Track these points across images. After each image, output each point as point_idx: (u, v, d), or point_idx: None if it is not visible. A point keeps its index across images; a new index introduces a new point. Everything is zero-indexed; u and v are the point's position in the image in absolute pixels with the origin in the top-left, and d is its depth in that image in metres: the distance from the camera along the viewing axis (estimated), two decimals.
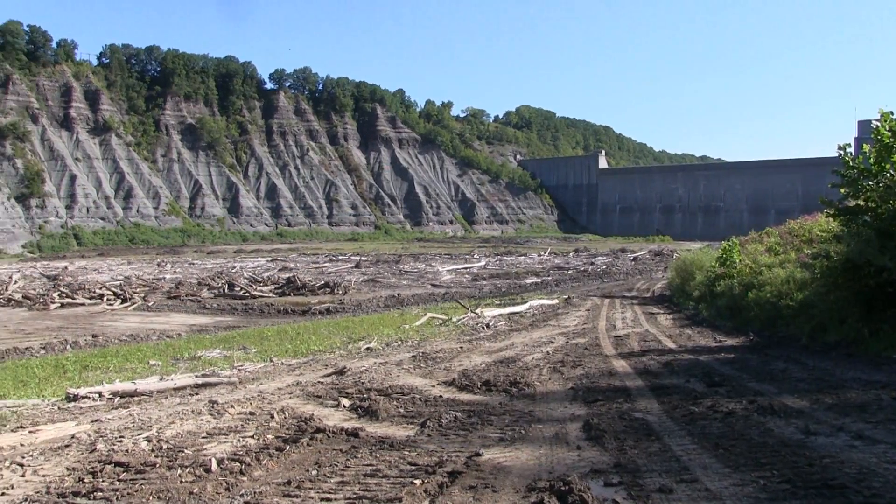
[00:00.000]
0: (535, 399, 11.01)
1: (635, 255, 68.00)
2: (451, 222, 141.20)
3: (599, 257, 66.20)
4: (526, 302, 28.91)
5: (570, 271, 49.02)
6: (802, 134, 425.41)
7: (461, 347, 17.37)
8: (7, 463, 8.12)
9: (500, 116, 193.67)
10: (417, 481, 6.84)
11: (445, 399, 11.16)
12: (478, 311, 25.26)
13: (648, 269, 51.01)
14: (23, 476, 7.70)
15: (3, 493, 7.11)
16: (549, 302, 29.30)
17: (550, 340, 18.18)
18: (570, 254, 73.26)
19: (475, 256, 68.94)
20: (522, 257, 67.70)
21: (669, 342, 17.76)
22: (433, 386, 12.38)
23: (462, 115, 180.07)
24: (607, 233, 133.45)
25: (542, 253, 74.46)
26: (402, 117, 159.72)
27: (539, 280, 42.32)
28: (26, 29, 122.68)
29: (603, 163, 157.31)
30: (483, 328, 21.71)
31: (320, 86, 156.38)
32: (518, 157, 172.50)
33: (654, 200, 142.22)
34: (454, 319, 23.74)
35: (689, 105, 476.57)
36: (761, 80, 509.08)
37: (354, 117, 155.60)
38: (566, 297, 31.63)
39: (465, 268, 53.51)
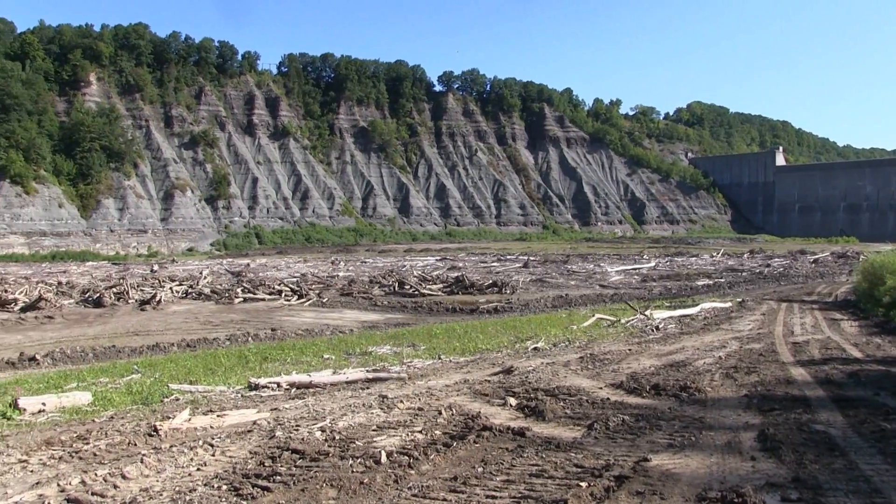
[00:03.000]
0: (706, 405, 10.65)
1: (816, 256, 64.19)
2: (619, 222, 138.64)
3: (776, 259, 63.03)
4: (697, 304, 27.95)
5: (744, 273, 46.94)
6: None
7: (629, 350, 17.03)
8: (200, 442, 8.81)
9: (671, 114, 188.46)
10: (583, 484, 6.79)
11: (613, 402, 11.00)
12: (647, 312, 24.68)
13: (830, 272, 48.00)
14: (213, 455, 8.30)
15: (198, 469, 7.73)
16: (722, 305, 28.19)
17: (723, 345, 17.51)
18: (745, 255, 70.16)
19: (644, 257, 67.42)
20: (694, 258, 65.54)
21: (855, 351, 16.64)
22: (600, 388, 12.22)
23: (631, 113, 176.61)
24: (785, 233, 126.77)
25: (715, 254, 71.78)
26: (569, 116, 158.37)
27: (711, 282, 40.78)
28: (216, 44, 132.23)
29: (780, 160, 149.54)
30: (652, 330, 21.19)
31: (488, 87, 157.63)
32: (689, 155, 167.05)
33: (837, 199, 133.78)
34: (622, 321, 23.31)
35: (878, 96, 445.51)
36: None
37: (522, 117, 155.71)
38: (740, 300, 30.32)
39: (635, 268, 52.40)
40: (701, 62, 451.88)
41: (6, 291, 33.80)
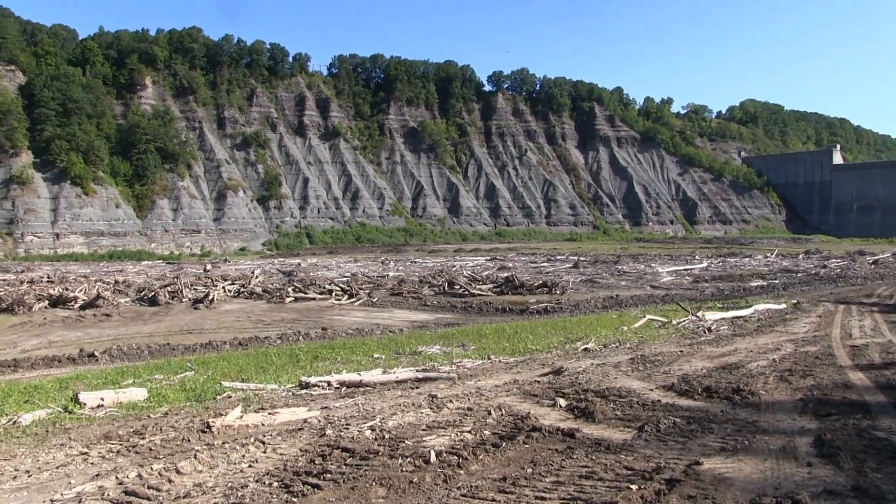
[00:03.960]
0: (760, 408, 10.46)
1: (876, 257, 62.50)
2: (671, 222, 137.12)
3: (833, 260, 61.58)
4: (750, 306, 27.46)
5: (799, 274, 45.99)
6: None
7: (681, 351, 16.82)
8: (252, 440, 8.96)
9: (723, 112, 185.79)
10: (634, 486, 6.73)
11: (664, 404, 10.88)
12: (699, 314, 24.35)
13: (891, 274, 46.72)
14: (264, 452, 8.43)
15: (250, 466, 7.87)
16: (776, 306, 27.67)
17: (777, 347, 17.18)
18: (800, 256, 68.79)
19: (696, 257, 66.50)
20: (747, 259, 64.40)
21: None
22: (651, 390, 12.10)
23: (682, 111, 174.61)
24: (842, 233, 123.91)
25: (769, 254, 70.49)
26: (620, 116, 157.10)
27: (765, 283, 40.03)
28: (268, 47, 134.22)
29: (838, 158, 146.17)
30: (704, 332, 20.89)
31: (538, 86, 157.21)
32: (742, 153, 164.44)
33: None
34: (674, 322, 23.03)
35: None
36: None
37: (572, 117, 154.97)
38: (795, 301, 29.72)
39: (686, 269, 51.70)
40: (755, 59, 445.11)
41: (67, 290, 34.68)
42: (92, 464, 8.20)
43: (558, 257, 69.40)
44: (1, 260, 76.28)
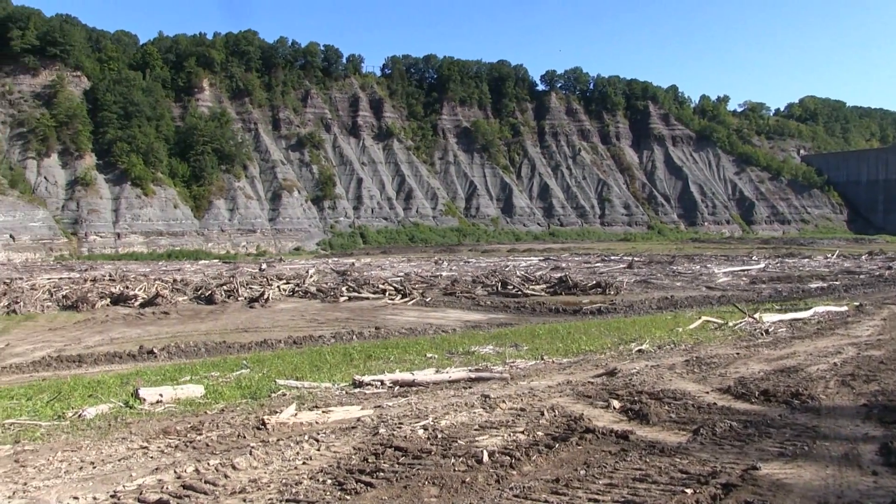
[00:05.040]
0: (821, 413, 10.23)
1: None
2: (727, 222, 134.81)
3: None
4: (810, 308, 26.87)
5: (862, 276, 44.83)
6: None
7: (738, 353, 16.55)
8: (306, 437, 9.09)
9: (782, 109, 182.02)
10: (689, 490, 6.64)
11: (720, 407, 10.72)
12: (756, 315, 23.93)
13: None
14: (318, 450, 8.53)
15: (304, 463, 7.98)
16: (837, 309, 27.02)
17: (838, 351, 16.77)
18: (863, 256, 66.98)
19: (754, 258, 65.27)
20: (806, 260, 63.03)
21: None
22: (707, 392, 11.93)
23: (739, 109, 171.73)
24: None
25: (829, 255, 68.82)
26: (675, 114, 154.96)
27: (825, 285, 39.14)
28: (322, 48, 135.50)
29: None
30: (761, 334, 20.51)
31: (591, 85, 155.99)
32: (801, 152, 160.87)
33: None
34: (730, 324, 22.66)
35: None
36: None
37: (626, 116, 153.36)
38: (857, 303, 28.98)
39: (743, 270, 50.82)
40: (815, 55, 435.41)
41: (128, 288, 35.50)
42: (151, 458, 8.42)
43: (612, 257, 68.75)
44: (66, 259, 78.42)
